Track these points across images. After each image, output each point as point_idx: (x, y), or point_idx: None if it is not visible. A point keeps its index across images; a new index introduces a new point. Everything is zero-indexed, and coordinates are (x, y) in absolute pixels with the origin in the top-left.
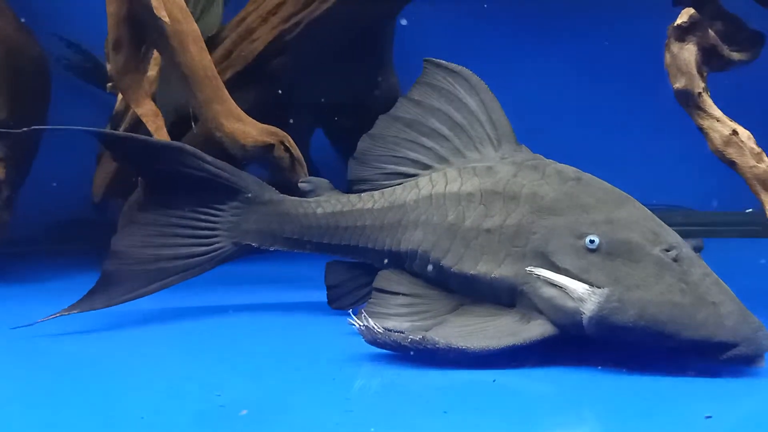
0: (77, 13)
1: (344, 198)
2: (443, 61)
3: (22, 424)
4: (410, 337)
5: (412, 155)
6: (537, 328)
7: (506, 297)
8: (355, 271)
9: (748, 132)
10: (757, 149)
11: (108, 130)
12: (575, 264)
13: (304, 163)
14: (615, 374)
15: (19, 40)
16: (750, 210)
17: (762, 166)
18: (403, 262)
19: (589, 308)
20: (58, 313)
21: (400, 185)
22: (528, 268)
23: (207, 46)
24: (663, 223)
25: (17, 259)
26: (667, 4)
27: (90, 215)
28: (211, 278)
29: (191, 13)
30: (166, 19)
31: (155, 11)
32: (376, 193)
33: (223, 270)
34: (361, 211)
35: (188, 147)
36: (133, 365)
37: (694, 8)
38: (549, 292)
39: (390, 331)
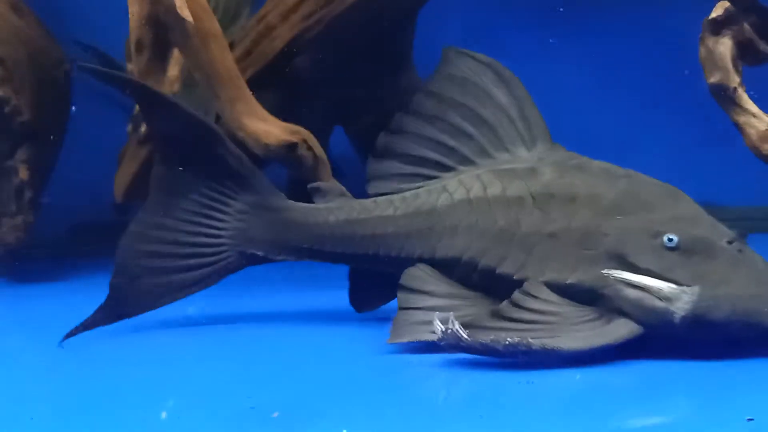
0: (93, 14)
1: (358, 204)
2: (468, 51)
3: (55, 424)
4: (507, 339)
5: (433, 156)
6: (624, 328)
7: (582, 302)
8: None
9: None
10: None
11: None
12: (657, 264)
13: (327, 162)
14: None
15: (41, 43)
16: None
17: None
18: (438, 270)
19: (682, 307)
20: (68, 335)
21: (424, 190)
22: (605, 271)
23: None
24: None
25: (42, 259)
26: None
27: (110, 217)
28: (224, 281)
29: (218, 21)
30: (190, 19)
31: (179, 11)
32: (395, 198)
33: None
34: (382, 219)
35: (218, 130)
36: (159, 368)
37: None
38: (633, 293)
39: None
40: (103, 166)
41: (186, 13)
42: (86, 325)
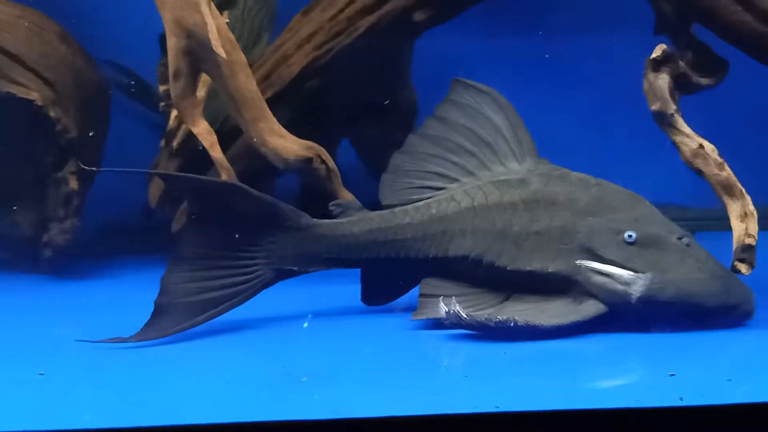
0: (126, 36)
1: (377, 216)
2: (471, 81)
3: (110, 396)
4: (497, 317)
5: (440, 170)
6: (592, 307)
7: (560, 287)
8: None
9: (712, 145)
10: (720, 160)
11: (167, 171)
12: (619, 255)
13: (338, 173)
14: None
15: (84, 67)
16: None
17: (723, 174)
18: (449, 267)
19: (637, 290)
20: (116, 339)
21: (434, 200)
22: (578, 261)
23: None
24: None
25: (86, 259)
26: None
27: (139, 220)
28: None
29: (243, 47)
30: (224, 55)
31: (215, 48)
32: (409, 208)
33: None
34: (401, 226)
35: (238, 184)
36: (202, 351)
37: (670, 37)
38: (600, 279)
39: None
40: (136, 175)
41: (220, 50)
42: (138, 338)
